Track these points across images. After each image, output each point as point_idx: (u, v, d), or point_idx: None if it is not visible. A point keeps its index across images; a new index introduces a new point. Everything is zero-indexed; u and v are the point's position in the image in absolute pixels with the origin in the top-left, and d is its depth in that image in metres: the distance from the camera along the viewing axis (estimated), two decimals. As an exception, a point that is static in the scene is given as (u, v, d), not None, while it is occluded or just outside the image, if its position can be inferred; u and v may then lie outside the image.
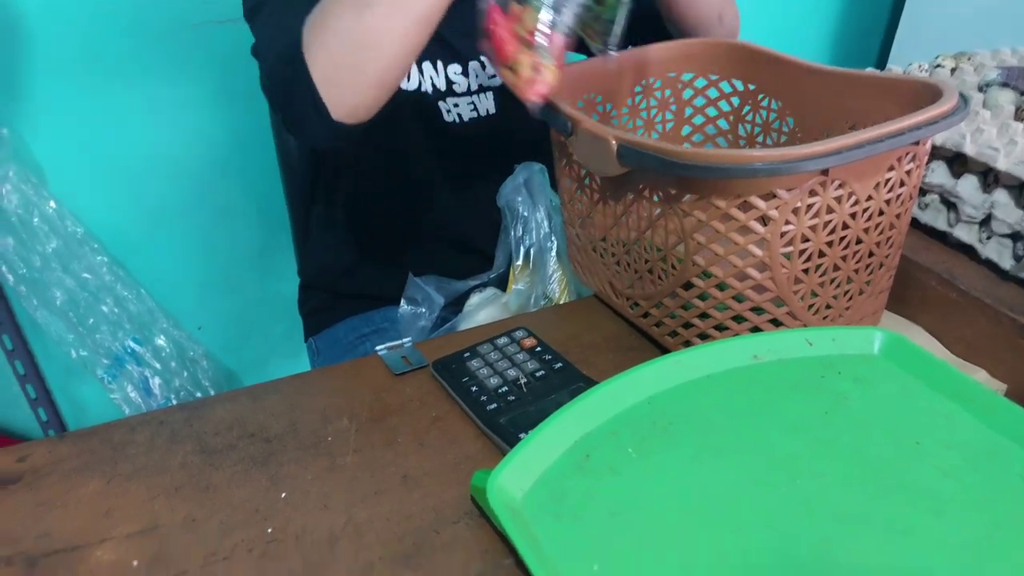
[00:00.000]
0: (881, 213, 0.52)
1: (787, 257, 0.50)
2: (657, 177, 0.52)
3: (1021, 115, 0.64)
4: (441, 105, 0.87)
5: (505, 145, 0.87)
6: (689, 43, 0.73)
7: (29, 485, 0.50)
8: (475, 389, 0.55)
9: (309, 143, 0.80)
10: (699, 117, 0.74)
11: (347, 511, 0.47)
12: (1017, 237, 0.58)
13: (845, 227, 0.50)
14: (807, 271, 0.51)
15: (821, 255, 0.51)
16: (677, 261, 0.54)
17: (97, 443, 0.53)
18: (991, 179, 0.60)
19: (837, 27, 1.68)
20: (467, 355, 0.59)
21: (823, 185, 0.48)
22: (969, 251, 0.62)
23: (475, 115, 0.89)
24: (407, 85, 0.84)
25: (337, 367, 0.61)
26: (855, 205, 0.50)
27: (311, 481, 0.49)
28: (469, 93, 0.88)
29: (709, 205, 0.49)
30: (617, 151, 0.51)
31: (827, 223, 0.49)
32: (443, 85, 0.86)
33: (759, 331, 0.53)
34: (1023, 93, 0.68)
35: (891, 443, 0.41)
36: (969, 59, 0.77)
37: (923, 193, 0.66)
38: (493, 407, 0.53)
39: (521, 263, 0.77)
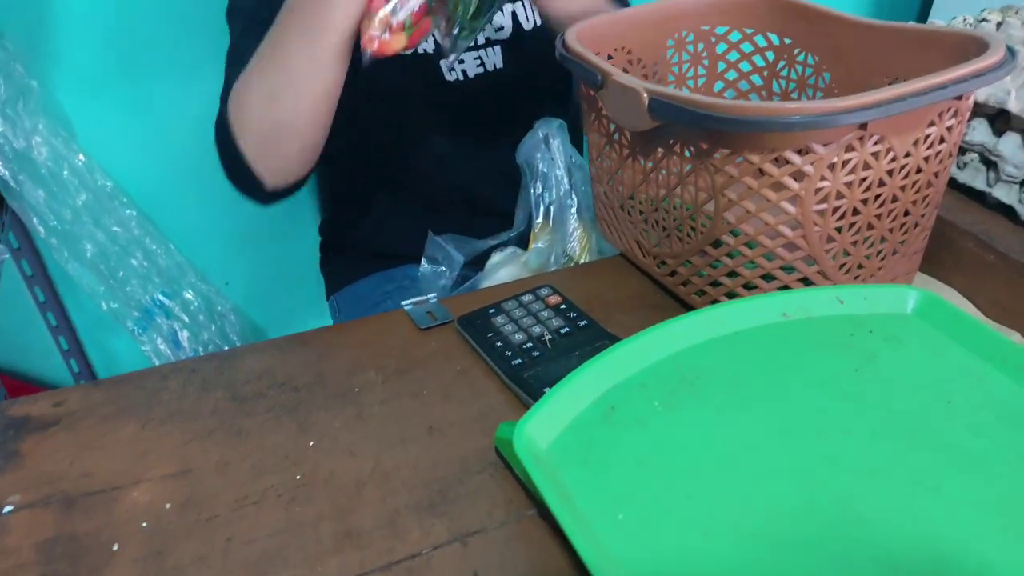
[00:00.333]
0: (919, 171, 0.50)
1: (820, 215, 0.49)
2: (689, 132, 0.51)
3: (1068, 72, 0.62)
4: (443, 64, 0.85)
5: (517, 101, 0.86)
6: (724, -4, 0.71)
7: (68, 428, 0.51)
8: (500, 344, 0.55)
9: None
10: (732, 72, 0.73)
11: (374, 459, 0.47)
12: (1058, 198, 0.57)
13: (881, 184, 0.49)
14: (840, 229, 0.50)
15: (855, 213, 0.50)
16: (707, 218, 0.53)
17: (131, 389, 0.54)
18: (1034, 138, 0.58)
19: (877, -20, 1.62)
20: (492, 311, 0.59)
21: (861, 140, 0.46)
22: (1008, 212, 0.60)
23: (481, 70, 0.87)
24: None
25: (363, 321, 0.62)
26: (892, 162, 0.49)
27: (339, 429, 0.50)
28: (475, 48, 0.86)
29: (742, 160, 0.48)
30: (648, 104, 0.50)
31: (863, 180, 0.48)
32: None
33: (788, 290, 0.52)
34: (1071, 50, 0.65)
35: (921, 401, 0.41)
36: (1016, 13, 0.74)
37: (962, 152, 0.64)
38: (518, 362, 0.53)
39: (541, 221, 0.77)
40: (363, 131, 0.91)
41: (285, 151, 0.70)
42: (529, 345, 0.55)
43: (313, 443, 0.49)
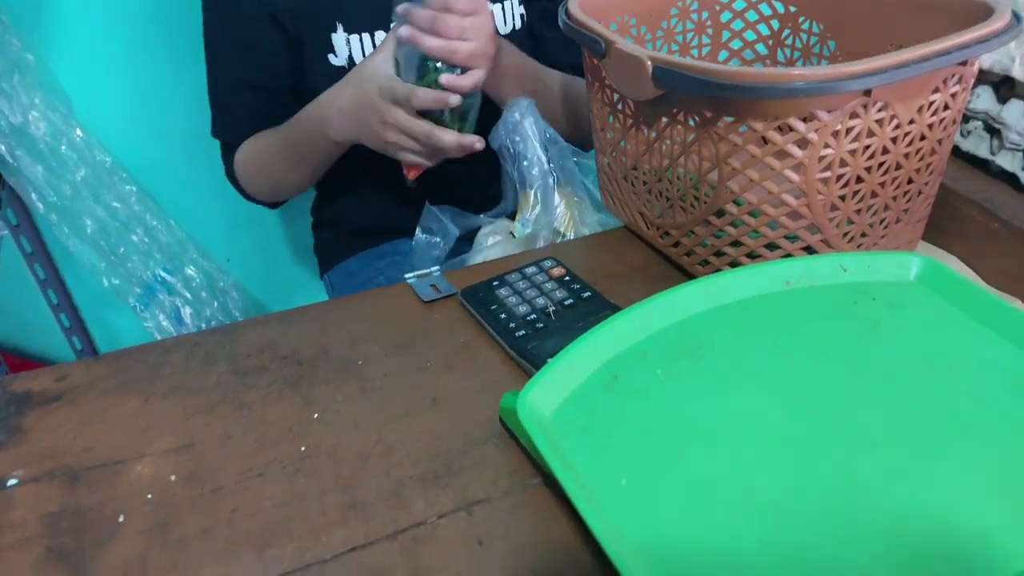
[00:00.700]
0: (923, 138, 0.50)
1: (824, 183, 0.49)
2: (692, 100, 0.50)
3: (1075, 38, 0.61)
4: None
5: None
6: (726, -37, 0.70)
7: (70, 403, 0.51)
8: (504, 316, 0.55)
9: None
10: (736, 42, 0.72)
11: (378, 431, 0.47)
12: (1064, 165, 0.56)
13: (885, 152, 0.49)
14: (843, 198, 0.50)
15: (859, 181, 0.50)
16: (710, 188, 0.53)
17: (132, 364, 0.54)
18: (1039, 105, 0.58)
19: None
20: (496, 284, 0.59)
21: (865, 107, 0.46)
22: (1012, 180, 0.60)
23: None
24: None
25: (366, 294, 0.62)
26: (896, 129, 0.48)
27: (342, 402, 0.50)
28: None
29: (746, 128, 0.47)
30: (652, 72, 0.49)
31: (867, 147, 0.48)
32: None
33: (792, 258, 0.52)
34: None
35: (924, 368, 0.41)
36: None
37: (965, 120, 0.64)
38: (521, 334, 0.53)
39: (524, 195, 0.76)
40: None
41: (286, 196, 0.98)
42: (533, 317, 0.55)
43: (317, 416, 0.49)
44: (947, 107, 0.50)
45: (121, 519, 0.42)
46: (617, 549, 0.31)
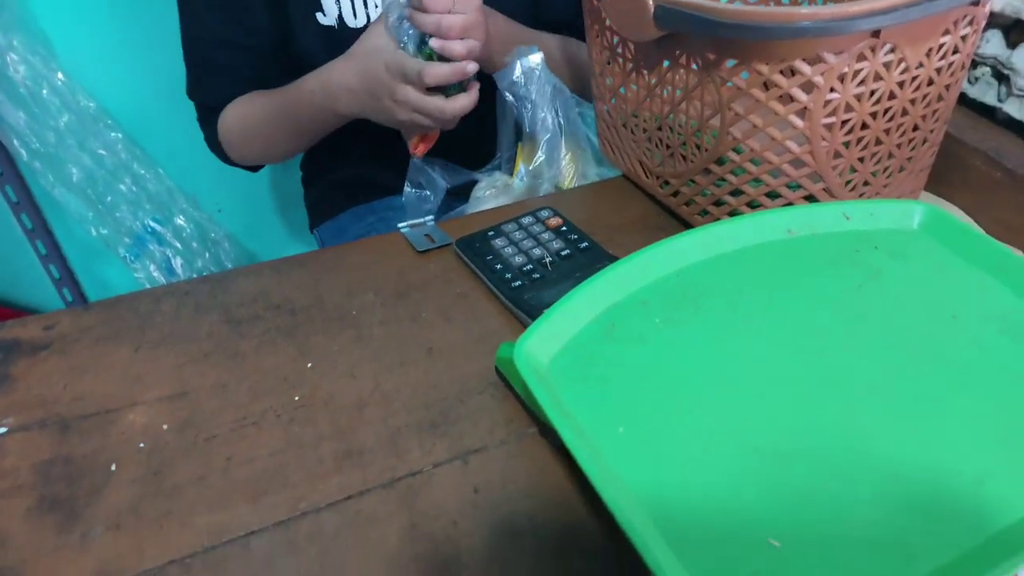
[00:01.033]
0: (931, 83, 0.49)
1: (828, 129, 0.48)
2: (695, 42, 0.49)
3: (1088, -19, 0.59)
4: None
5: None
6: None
7: (59, 351, 0.50)
8: (500, 267, 0.54)
9: None
10: (738, -16, 0.70)
11: (374, 380, 0.47)
12: (1072, 113, 0.55)
13: (891, 97, 0.48)
14: (848, 145, 0.49)
15: (863, 128, 0.49)
16: (712, 135, 0.52)
17: (123, 312, 0.53)
18: (1049, 51, 0.56)
19: None
20: (491, 234, 0.58)
21: (873, 49, 0.45)
22: (1019, 128, 0.59)
23: None
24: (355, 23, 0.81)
25: (360, 243, 0.61)
26: (904, 73, 0.47)
27: (337, 352, 0.49)
28: None
29: (750, 71, 0.46)
30: (654, 12, 0.47)
31: (873, 92, 0.47)
32: None
33: (793, 206, 0.51)
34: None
35: (925, 317, 0.40)
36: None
37: (974, 66, 0.62)
38: (518, 284, 0.52)
39: (527, 145, 0.74)
40: None
41: (272, 162, 0.94)
42: (529, 267, 0.54)
43: (311, 365, 0.48)
44: (956, 51, 0.48)
45: (113, 468, 0.42)
46: (614, 497, 0.31)
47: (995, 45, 0.59)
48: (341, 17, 0.80)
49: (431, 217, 0.62)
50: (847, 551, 0.30)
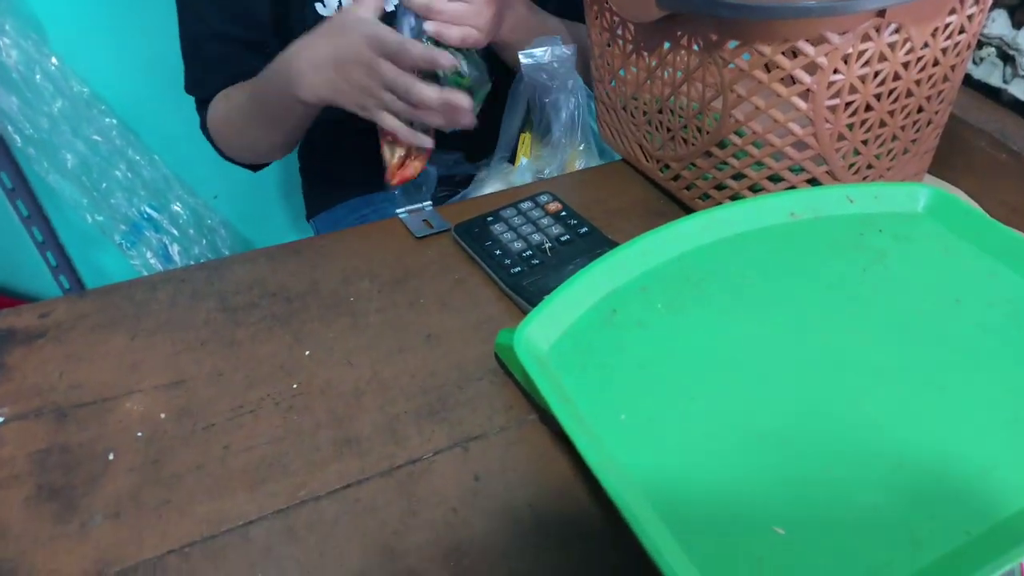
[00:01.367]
0: (936, 63, 0.48)
1: (832, 111, 0.47)
2: (697, 22, 0.48)
3: (1096, -41, 0.58)
4: None
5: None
6: None
7: (55, 340, 0.50)
8: (498, 252, 0.54)
9: None
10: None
11: (371, 367, 0.47)
12: (1078, 94, 0.54)
13: (896, 78, 0.47)
14: (851, 127, 0.48)
15: (867, 110, 0.48)
16: (713, 117, 0.51)
17: (119, 299, 0.53)
18: (1056, 30, 0.56)
19: None
20: (490, 219, 0.57)
21: (878, 29, 0.44)
22: (1023, 110, 0.58)
23: None
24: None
25: (357, 230, 0.60)
26: (909, 53, 0.46)
27: (334, 339, 0.49)
28: None
29: (753, 52, 0.45)
30: (654, -8, 0.47)
31: (877, 73, 0.46)
32: None
33: (796, 189, 0.51)
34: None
35: (930, 300, 0.40)
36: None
37: (979, 46, 0.61)
38: (517, 270, 0.52)
39: (533, 138, 0.74)
40: None
41: (266, 159, 0.89)
42: (528, 253, 0.53)
43: (308, 353, 0.48)
44: (962, 30, 0.48)
45: (111, 457, 0.42)
46: (616, 484, 0.31)
47: (1001, 25, 0.59)
48: (341, 6, 0.79)
49: (429, 202, 0.62)
50: (851, 538, 0.29)
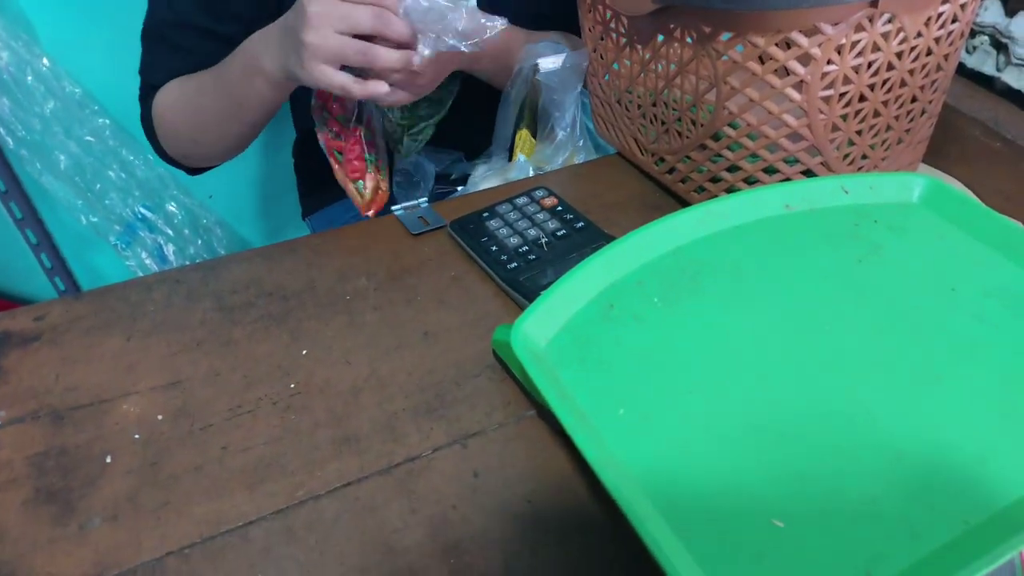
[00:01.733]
0: (929, 52, 0.48)
1: (826, 101, 0.47)
2: (690, 14, 0.48)
3: (1088, -54, 0.58)
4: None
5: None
6: None
7: (50, 342, 0.50)
8: (495, 248, 0.54)
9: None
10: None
11: (369, 365, 0.47)
12: (1071, 81, 0.54)
13: (890, 68, 0.47)
14: (845, 118, 0.48)
15: (861, 100, 0.48)
16: (707, 110, 0.51)
17: (114, 301, 0.53)
18: (1049, 18, 0.56)
19: None
20: (486, 215, 0.57)
21: (871, 19, 0.44)
22: (1017, 97, 0.58)
23: None
24: None
25: (352, 227, 0.60)
26: (903, 43, 0.46)
27: (332, 338, 0.49)
28: None
29: (746, 43, 0.45)
30: (647, -15, 0.47)
31: (871, 63, 0.46)
32: None
33: (791, 181, 0.51)
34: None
35: (926, 291, 0.40)
36: None
37: (972, 35, 0.61)
38: (513, 266, 0.52)
39: (526, 134, 0.73)
40: None
41: (209, 158, 0.82)
42: (525, 248, 0.53)
43: (306, 352, 0.48)
44: (956, 19, 0.48)
45: (109, 459, 0.42)
46: (614, 479, 0.31)
47: (993, 13, 0.59)
48: None
49: (425, 199, 0.62)
50: (850, 529, 0.29)
